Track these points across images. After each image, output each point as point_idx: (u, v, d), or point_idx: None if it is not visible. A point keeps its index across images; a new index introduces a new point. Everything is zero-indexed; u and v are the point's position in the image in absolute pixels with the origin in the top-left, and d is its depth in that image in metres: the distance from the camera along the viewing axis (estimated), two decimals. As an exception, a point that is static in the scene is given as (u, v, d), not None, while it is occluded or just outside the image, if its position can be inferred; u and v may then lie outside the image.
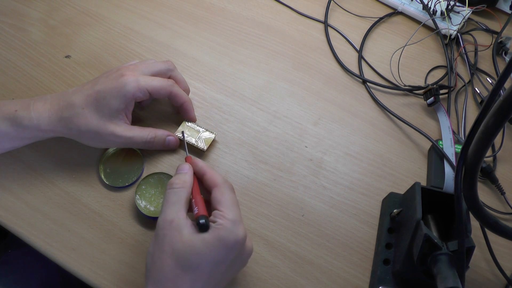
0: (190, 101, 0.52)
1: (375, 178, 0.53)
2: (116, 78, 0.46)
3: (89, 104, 0.46)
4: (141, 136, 0.49)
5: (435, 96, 0.55)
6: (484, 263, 0.48)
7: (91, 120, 0.46)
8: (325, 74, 0.60)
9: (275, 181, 0.52)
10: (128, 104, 0.47)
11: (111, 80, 0.46)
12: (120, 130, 0.47)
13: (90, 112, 0.46)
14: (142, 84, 0.47)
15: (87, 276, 0.46)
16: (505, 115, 0.29)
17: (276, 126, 0.56)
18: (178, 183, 0.42)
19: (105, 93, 0.46)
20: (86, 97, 0.46)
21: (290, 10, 0.66)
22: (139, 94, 0.47)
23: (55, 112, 0.46)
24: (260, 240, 0.48)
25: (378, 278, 0.45)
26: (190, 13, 0.64)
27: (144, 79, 0.47)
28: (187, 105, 0.52)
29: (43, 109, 0.46)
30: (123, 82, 0.46)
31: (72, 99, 0.46)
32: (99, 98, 0.46)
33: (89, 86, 0.47)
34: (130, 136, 0.48)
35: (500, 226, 0.35)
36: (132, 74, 0.47)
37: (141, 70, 0.48)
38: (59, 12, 0.63)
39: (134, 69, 0.48)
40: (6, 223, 0.48)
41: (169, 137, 0.51)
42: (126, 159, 0.51)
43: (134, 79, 0.46)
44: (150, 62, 0.51)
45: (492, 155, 0.55)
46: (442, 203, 0.44)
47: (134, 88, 0.46)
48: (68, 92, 0.48)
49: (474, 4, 0.64)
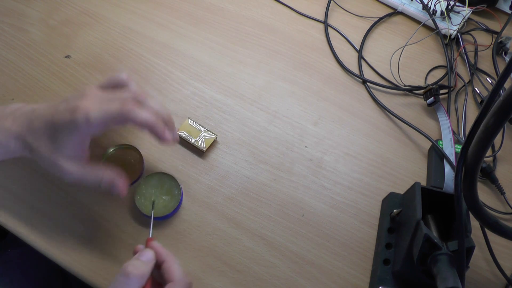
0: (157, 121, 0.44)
1: (375, 178, 0.53)
2: (70, 111, 0.42)
3: (47, 132, 0.43)
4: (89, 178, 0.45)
5: (435, 96, 0.55)
6: (484, 263, 0.48)
7: (47, 150, 0.43)
8: (325, 74, 0.60)
9: (275, 181, 0.52)
10: (82, 140, 0.44)
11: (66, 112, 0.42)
12: (70, 168, 0.44)
13: (47, 142, 0.43)
14: (92, 121, 0.41)
15: (87, 276, 0.46)
16: (505, 115, 0.29)
17: (276, 126, 0.56)
18: (135, 274, 0.38)
19: (59, 125, 0.42)
20: (45, 124, 0.43)
21: (290, 10, 0.66)
22: (91, 130, 0.42)
23: (21, 134, 0.44)
24: (260, 240, 0.48)
25: (378, 278, 0.45)
26: (190, 13, 0.64)
27: (96, 114, 0.41)
28: (153, 129, 0.43)
29: (10, 131, 0.44)
30: (74, 119, 0.41)
31: (34, 124, 0.43)
32: (55, 129, 0.42)
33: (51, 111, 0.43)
34: (78, 176, 0.44)
35: (500, 226, 0.35)
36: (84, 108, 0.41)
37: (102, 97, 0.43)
38: (59, 12, 0.63)
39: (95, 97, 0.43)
40: (6, 223, 0.48)
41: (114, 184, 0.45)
42: (126, 159, 0.51)
43: (84, 116, 0.41)
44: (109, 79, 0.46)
45: (492, 155, 0.55)
46: (442, 203, 0.44)
47: (84, 126, 0.41)
48: (35, 111, 0.44)
49: (474, 4, 0.64)
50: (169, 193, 0.49)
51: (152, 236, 0.45)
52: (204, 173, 0.52)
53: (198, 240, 0.48)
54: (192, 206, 0.50)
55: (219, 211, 0.50)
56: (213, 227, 0.49)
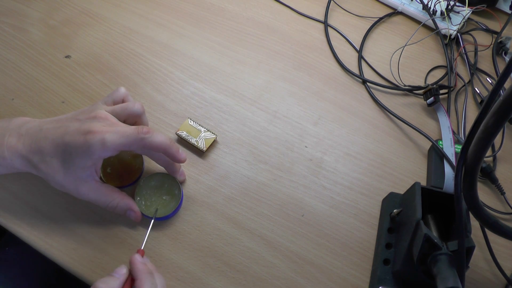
0: (171, 143, 0.45)
1: (375, 178, 0.53)
2: (83, 133, 0.42)
3: (57, 154, 0.43)
4: (103, 201, 0.46)
5: (435, 96, 0.55)
6: (484, 263, 0.48)
7: (57, 172, 0.43)
8: (325, 74, 0.60)
9: (275, 181, 0.52)
10: (95, 162, 0.44)
11: (79, 135, 0.42)
12: (84, 190, 0.45)
13: (58, 163, 0.43)
14: (108, 145, 0.42)
15: (87, 276, 0.46)
16: (505, 115, 0.29)
17: (276, 126, 0.56)
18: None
19: (72, 148, 0.42)
20: (55, 146, 0.43)
21: (290, 10, 0.66)
22: (106, 154, 0.43)
23: (26, 154, 0.44)
24: (260, 240, 0.48)
25: (378, 278, 0.45)
26: (190, 13, 0.64)
27: (112, 137, 0.42)
28: (169, 150, 0.45)
29: (15, 149, 0.44)
30: (88, 143, 0.42)
31: (42, 145, 0.43)
32: (67, 152, 0.43)
33: (61, 132, 0.43)
34: (92, 198, 0.46)
35: (500, 226, 0.35)
36: (99, 132, 0.42)
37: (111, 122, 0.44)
38: (59, 12, 0.63)
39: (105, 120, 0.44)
40: (6, 223, 0.48)
41: (129, 211, 0.47)
42: (126, 159, 0.51)
43: (100, 139, 0.42)
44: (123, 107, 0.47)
45: (492, 155, 0.55)
46: (442, 203, 0.44)
47: (99, 150, 0.42)
48: (42, 130, 0.44)
49: (474, 4, 0.64)
50: (169, 193, 0.49)
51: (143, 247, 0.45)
52: (204, 173, 0.52)
53: (198, 240, 0.48)
54: (192, 206, 0.50)
55: (219, 211, 0.50)
56: (213, 227, 0.49)
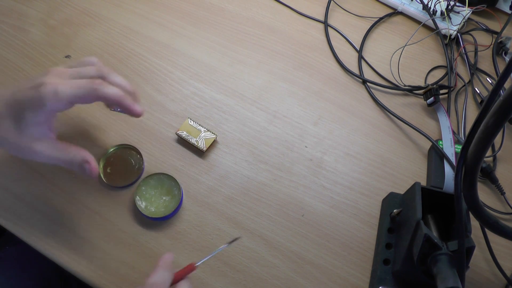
0: (125, 96, 0.44)
1: (375, 178, 0.53)
2: (35, 87, 0.40)
3: (10, 114, 0.41)
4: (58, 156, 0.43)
5: (435, 96, 0.55)
6: (484, 263, 0.48)
7: (10, 133, 0.41)
8: (325, 74, 0.60)
9: (275, 181, 0.52)
10: (48, 117, 0.42)
11: (30, 90, 0.40)
12: (39, 148, 0.42)
13: (10, 124, 0.41)
14: (61, 95, 0.40)
15: (87, 276, 0.46)
16: (505, 115, 0.29)
17: (276, 126, 0.56)
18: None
19: (22, 104, 0.40)
20: (7, 107, 0.41)
21: (290, 10, 0.66)
22: (59, 107, 0.41)
23: None
24: (260, 240, 0.48)
25: (378, 278, 0.45)
26: (190, 13, 0.64)
27: (64, 87, 0.40)
28: (123, 102, 0.44)
29: None
30: (40, 94, 0.40)
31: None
32: (18, 109, 0.40)
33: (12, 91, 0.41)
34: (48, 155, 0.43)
35: (500, 226, 0.35)
36: (52, 83, 0.40)
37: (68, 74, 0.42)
38: (59, 12, 0.63)
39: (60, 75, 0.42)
40: (6, 223, 0.48)
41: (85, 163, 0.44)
42: (126, 159, 0.51)
43: (52, 90, 0.40)
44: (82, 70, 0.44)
45: (492, 155, 0.55)
46: (442, 203, 0.44)
47: (51, 101, 0.40)
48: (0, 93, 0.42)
49: (474, 4, 0.64)
50: (169, 193, 0.49)
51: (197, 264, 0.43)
52: (204, 173, 0.52)
53: (198, 240, 0.48)
54: (192, 206, 0.50)
55: (219, 211, 0.50)
56: (213, 227, 0.49)
